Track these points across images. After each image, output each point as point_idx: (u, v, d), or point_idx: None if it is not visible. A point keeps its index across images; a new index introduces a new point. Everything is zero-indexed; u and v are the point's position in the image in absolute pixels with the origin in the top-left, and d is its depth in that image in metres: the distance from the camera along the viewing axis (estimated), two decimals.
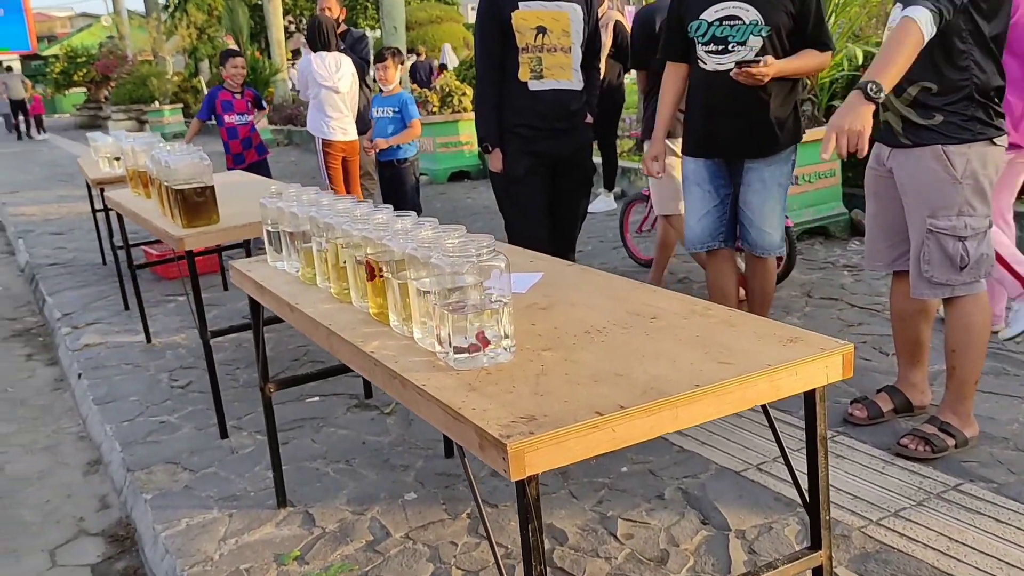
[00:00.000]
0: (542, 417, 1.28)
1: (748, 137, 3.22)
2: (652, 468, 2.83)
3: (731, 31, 3.12)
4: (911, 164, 2.64)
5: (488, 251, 1.54)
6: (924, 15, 2.33)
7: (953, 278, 2.64)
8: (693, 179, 3.37)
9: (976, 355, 2.74)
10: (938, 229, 2.61)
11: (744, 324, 1.64)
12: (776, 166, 3.25)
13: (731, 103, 3.17)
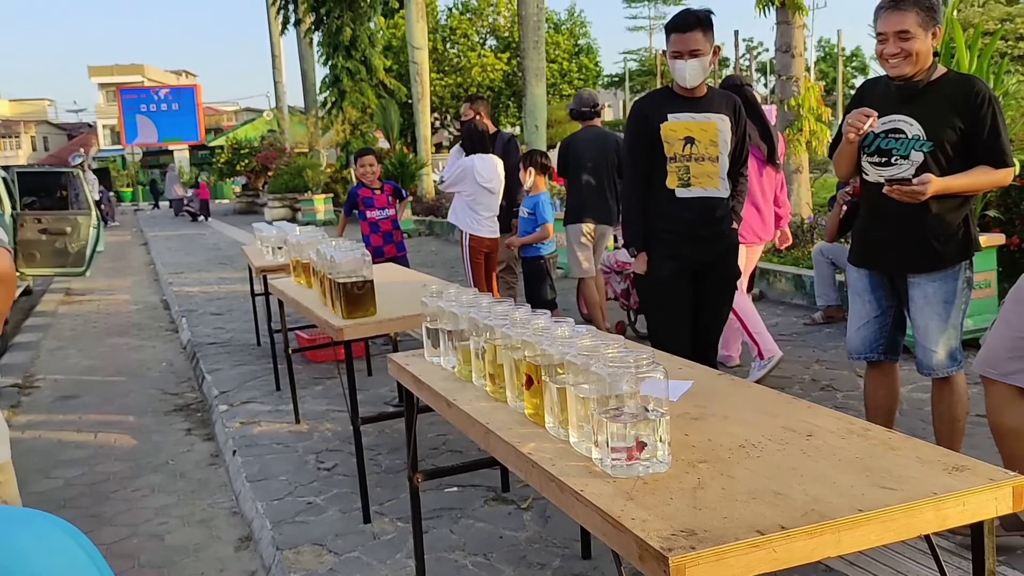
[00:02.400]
0: (702, 532, 1.31)
1: (906, 252, 3.14)
2: None
3: (895, 144, 3.09)
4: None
5: (648, 363, 1.60)
6: None
7: None
8: (855, 288, 3.34)
9: None
10: None
11: (905, 448, 1.61)
12: (941, 282, 3.11)
13: (890, 216, 3.11)
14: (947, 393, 3.21)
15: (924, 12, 2.97)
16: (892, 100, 3.12)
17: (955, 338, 3.16)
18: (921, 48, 2.99)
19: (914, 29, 2.97)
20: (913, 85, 3.05)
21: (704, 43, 3.51)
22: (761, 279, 7.85)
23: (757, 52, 49.41)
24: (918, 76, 3.04)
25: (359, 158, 6.86)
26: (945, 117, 3.02)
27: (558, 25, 36.25)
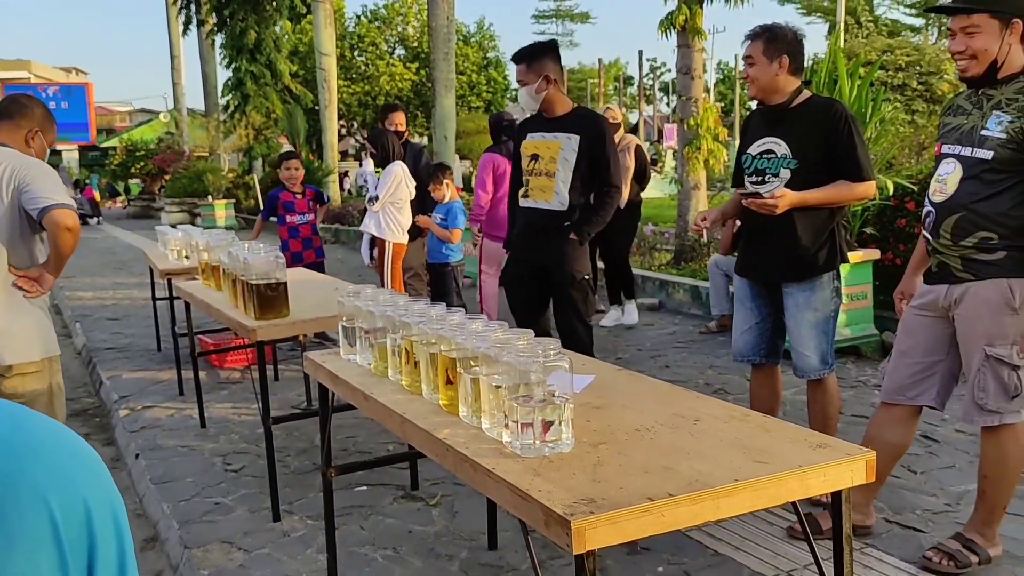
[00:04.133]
0: (601, 500, 1.48)
1: (779, 262, 3.42)
2: (687, 569, 2.96)
3: (768, 163, 3.38)
4: (972, 296, 2.79)
5: (554, 353, 1.76)
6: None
7: (1003, 406, 2.78)
8: (738, 296, 3.61)
9: (1008, 485, 2.87)
10: (995, 356, 2.75)
11: (778, 430, 1.83)
12: (810, 291, 3.38)
13: (765, 228, 3.39)
14: (820, 394, 3.49)
15: (767, 43, 3.30)
16: (764, 124, 3.43)
17: (826, 343, 3.43)
18: (760, 74, 3.32)
19: (757, 56, 3.31)
20: (779, 110, 3.36)
21: (528, 74, 4.00)
22: (660, 290, 8.19)
23: (660, 72, 50.86)
24: (779, 101, 3.34)
25: (284, 160, 6.87)
26: (809, 137, 3.29)
27: (467, 37, 36.51)
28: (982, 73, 2.77)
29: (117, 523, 0.63)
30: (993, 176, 2.72)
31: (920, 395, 2.98)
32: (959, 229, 2.78)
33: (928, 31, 28.18)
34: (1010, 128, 2.68)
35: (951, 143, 2.86)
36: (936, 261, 2.90)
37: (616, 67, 52.51)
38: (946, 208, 2.81)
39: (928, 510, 3.38)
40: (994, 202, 2.72)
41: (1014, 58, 2.74)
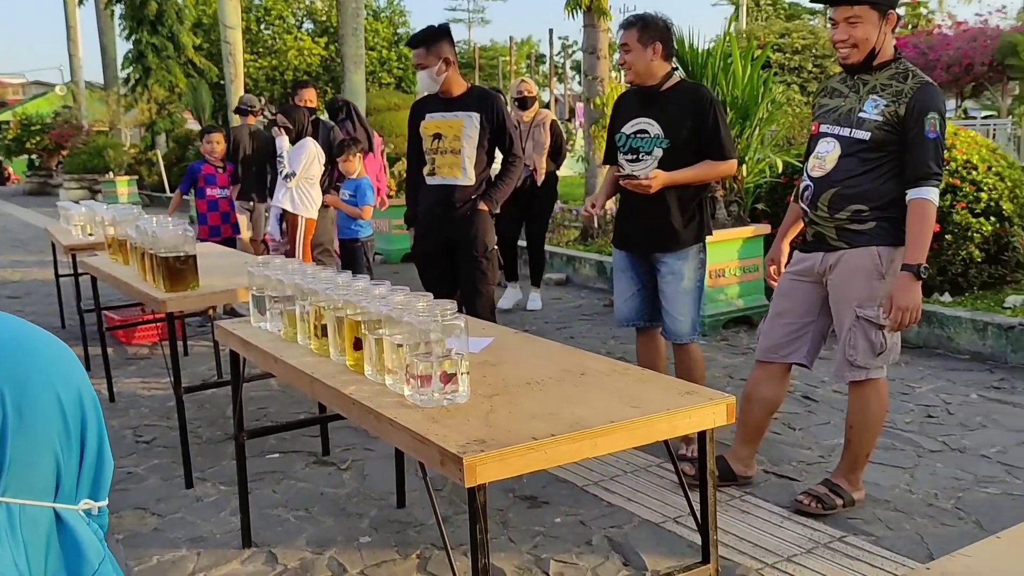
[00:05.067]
0: (491, 441, 1.66)
1: (652, 235, 3.67)
2: (583, 519, 3.18)
3: (641, 143, 3.62)
4: (845, 262, 3.06)
5: (451, 313, 1.93)
6: (934, 193, 2.93)
7: (870, 362, 3.07)
8: (618, 266, 3.86)
9: (871, 434, 3.18)
10: (865, 317, 3.03)
11: (653, 381, 2.04)
12: (683, 261, 3.64)
13: (640, 205, 3.65)
14: (686, 358, 3.75)
15: (640, 31, 3.55)
16: (637, 104, 3.68)
17: (695, 310, 3.68)
18: (636, 60, 3.55)
19: (632, 44, 3.55)
20: (651, 92, 3.60)
21: (427, 57, 4.13)
22: (568, 265, 8.44)
23: (572, 51, 51.24)
24: (652, 84, 3.59)
25: (206, 134, 6.84)
26: (679, 118, 3.54)
27: (377, 13, 36.07)
28: (862, 60, 3.03)
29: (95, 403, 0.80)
30: (869, 155, 2.99)
31: (792, 353, 3.26)
32: (835, 202, 3.04)
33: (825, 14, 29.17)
34: (886, 111, 2.95)
35: (829, 123, 3.12)
36: (812, 231, 3.16)
37: (528, 45, 52.64)
38: (824, 182, 3.08)
39: (803, 461, 3.69)
40: (868, 178, 2.99)
41: (887, 46, 3.02)
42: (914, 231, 2.91)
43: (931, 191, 2.90)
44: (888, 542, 2.93)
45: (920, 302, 2.92)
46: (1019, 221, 5.70)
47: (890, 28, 2.98)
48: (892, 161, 2.97)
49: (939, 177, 2.93)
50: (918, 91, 2.93)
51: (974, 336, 5.06)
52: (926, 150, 2.90)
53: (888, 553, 2.84)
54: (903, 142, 2.93)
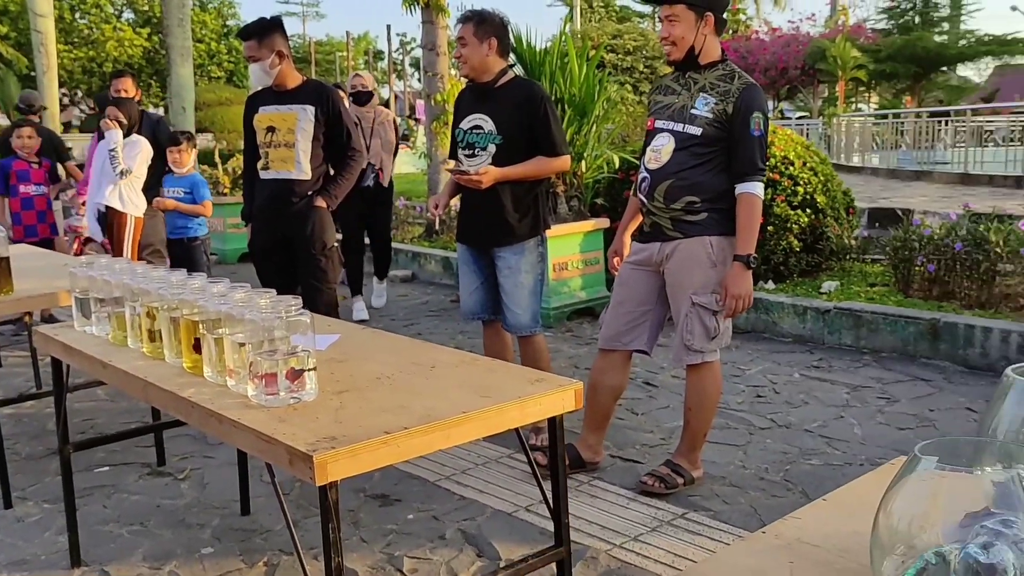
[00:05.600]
0: (341, 437, 1.61)
1: (489, 229, 3.72)
2: (435, 514, 3.17)
3: (477, 138, 3.67)
4: (680, 252, 3.19)
5: (295, 309, 1.87)
6: (759, 187, 3.09)
7: (706, 346, 3.21)
8: (462, 260, 3.89)
9: (707, 415, 3.33)
10: (700, 303, 3.17)
11: (502, 370, 2.05)
12: (520, 255, 3.68)
13: (478, 200, 3.69)
14: (531, 350, 3.81)
15: (477, 26, 3.60)
16: (474, 100, 3.73)
17: (536, 303, 3.74)
18: (472, 54, 3.60)
19: (469, 38, 3.61)
20: (486, 88, 3.65)
21: (260, 50, 4.03)
22: (413, 261, 8.40)
23: (411, 47, 50.97)
24: (487, 80, 3.64)
25: (16, 128, 6.29)
26: (512, 115, 3.60)
27: (204, 4, 34.58)
28: (682, 58, 3.17)
29: None
30: (701, 149, 3.13)
31: (633, 340, 3.37)
32: (671, 193, 3.17)
33: (654, 18, 30.52)
34: (715, 109, 3.10)
35: (664, 119, 3.24)
36: (650, 221, 3.28)
37: (366, 40, 51.96)
38: (660, 175, 3.20)
39: (646, 444, 3.82)
40: (700, 171, 3.14)
41: (711, 47, 3.17)
42: (743, 223, 3.09)
43: (757, 185, 3.08)
44: (725, 516, 3.08)
45: (751, 289, 3.10)
46: (831, 213, 6.14)
47: (709, 29, 3.13)
48: (722, 156, 3.12)
49: (763, 172, 3.11)
50: (743, 91, 3.09)
51: (795, 320, 5.42)
52: (751, 147, 3.07)
53: (725, 526, 2.99)
54: (731, 139, 3.09)
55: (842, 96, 22.41)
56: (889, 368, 4.77)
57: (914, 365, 4.80)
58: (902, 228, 5.67)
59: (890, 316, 5.01)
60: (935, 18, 28.81)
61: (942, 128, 16.77)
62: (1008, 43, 24.75)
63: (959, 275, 5.19)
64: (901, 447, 3.65)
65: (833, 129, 18.59)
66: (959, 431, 3.80)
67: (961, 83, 28.14)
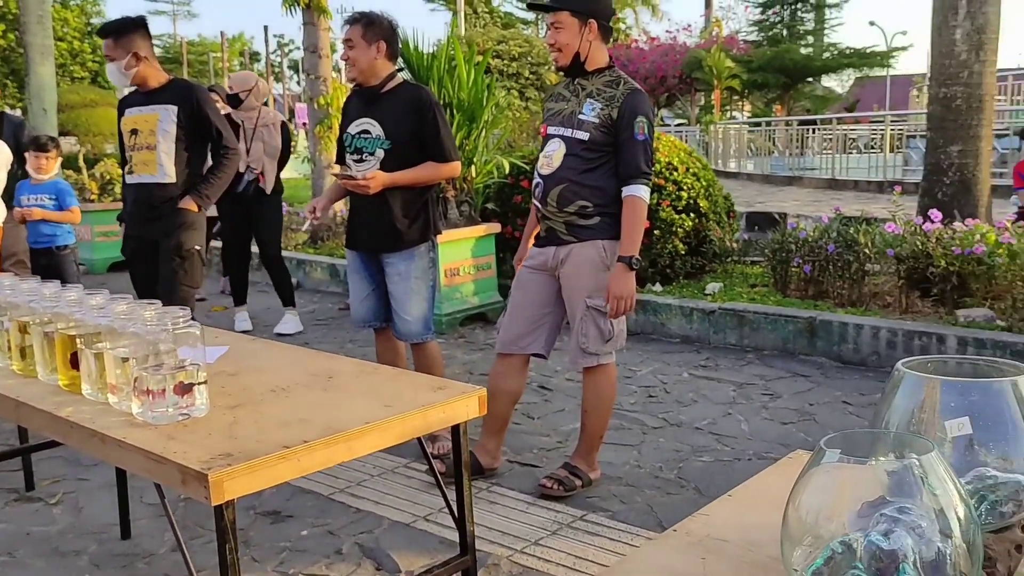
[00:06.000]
0: (238, 453, 1.54)
1: (378, 235, 3.66)
2: (331, 529, 3.09)
3: (365, 143, 3.60)
4: (574, 255, 3.20)
5: (184, 321, 1.77)
6: (644, 190, 3.11)
7: (601, 348, 3.24)
8: (351, 267, 3.80)
9: (604, 416, 3.36)
10: (594, 306, 3.19)
11: (403, 379, 2.02)
12: (409, 261, 3.61)
13: (365, 205, 3.63)
14: (424, 357, 3.73)
15: (365, 28, 3.54)
16: (361, 105, 3.67)
17: (427, 310, 3.68)
18: (360, 57, 3.53)
19: (356, 40, 3.55)
20: (374, 92, 3.59)
21: (115, 50, 3.91)
22: (298, 269, 8.20)
23: (289, 50, 49.86)
24: (375, 83, 3.59)
25: None
26: (400, 119, 3.54)
27: (66, 0, 32.91)
28: (569, 64, 3.21)
29: None
30: (589, 154, 3.17)
31: (530, 344, 3.37)
32: (563, 198, 3.19)
33: (539, 25, 30.92)
34: (601, 114, 3.14)
35: (555, 125, 3.27)
36: (545, 226, 3.30)
37: (241, 41, 50.57)
38: (552, 180, 3.22)
39: (543, 448, 3.84)
40: (590, 176, 3.17)
41: (596, 54, 3.21)
42: (627, 225, 3.13)
43: (641, 188, 3.13)
44: (623, 515, 3.12)
45: (634, 290, 3.13)
46: (714, 217, 6.34)
47: (593, 36, 3.17)
48: (611, 160, 3.17)
49: (649, 176, 3.17)
50: (627, 96, 3.15)
51: (682, 321, 5.56)
52: (636, 151, 3.12)
53: (624, 526, 3.03)
54: (616, 143, 3.14)
55: (718, 104, 23.23)
56: (771, 365, 4.96)
57: (794, 361, 5.00)
58: (779, 231, 5.91)
59: (770, 315, 5.21)
60: (801, 31, 30.33)
61: (810, 136, 17.64)
62: (867, 56, 26.28)
63: (832, 275, 5.45)
64: (785, 441, 3.79)
65: (710, 136, 19.27)
66: (837, 423, 3.98)
67: (826, 93, 29.69)
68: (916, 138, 14.15)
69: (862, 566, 0.95)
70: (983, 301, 4.96)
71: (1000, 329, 4.58)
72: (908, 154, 14.40)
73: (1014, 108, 14.05)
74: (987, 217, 6.14)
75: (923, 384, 1.12)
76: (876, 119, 18.78)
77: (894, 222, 5.37)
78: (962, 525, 0.93)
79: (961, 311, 4.85)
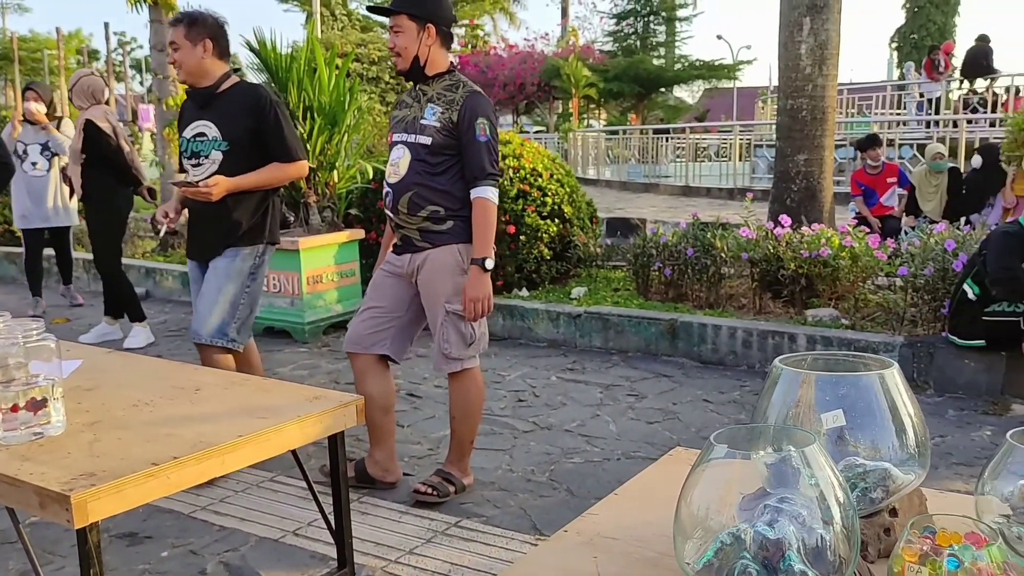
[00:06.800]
0: (101, 472, 1.44)
1: (207, 241, 3.53)
2: (193, 548, 2.94)
3: (201, 146, 3.47)
4: (431, 262, 3.17)
5: (37, 333, 1.65)
6: (492, 191, 3.08)
7: (463, 353, 3.22)
8: (192, 277, 3.65)
9: (473, 421, 3.35)
10: (454, 311, 3.16)
11: (277, 389, 1.95)
12: (231, 260, 3.47)
13: (201, 211, 3.50)
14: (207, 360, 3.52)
15: (188, 28, 3.42)
16: (195, 107, 3.54)
17: (229, 314, 3.48)
18: (186, 58, 3.41)
19: (181, 41, 3.42)
20: (207, 93, 3.47)
21: None
22: (147, 278, 7.81)
23: (132, 48, 47.46)
24: (207, 84, 3.46)
25: None
26: (237, 120, 3.43)
27: None
28: (408, 68, 3.18)
29: None
30: (434, 159, 3.14)
31: (375, 345, 3.30)
32: (413, 204, 3.15)
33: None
34: (442, 117, 3.12)
35: (400, 132, 3.23)
36: (400, 235, 3.26)
37: (78, 38, 47.74)
38: (401, 187, 3.17)
39: (415, 456, 3.80)
40: (438, 180, 3.14)
41: (437, 58, 3.19)
42: (477, 227, 3.11)
43: (488, 189, 3.11)
44: (497, 520, 3.13)
45: (490, 292, 3.13)
46: (578, 223, 6.47)
47: (432, 41, 3.15)
48: (457, 164, 3.15)
49: (495, 176, 3.14)
50: (467, 99, 3.13)
51: (549, 325, 5.65)
52: (479, 152, 3.10)
53: (498, 530, 3.04)
54: (460, 146, 3.12)
55: (576, 112, 23.75)
56: (635, 367, 5.10)
57: (657, 362, 5.17)
58: (640, 236, 6.10)
59: (634, 318, 5.37)
60: (653, 43, 31.44)
61: (664, 144, 18.33)
62: (715, 68, 27.54)
63: (691, 278, 5.67)
64: (651, 440, 3.91)
65: (569, 143, 19.69)
66: (700, 421, 4.14)
67: (678, 103, 30.93)
68: (763, 147, 14.97)
69: (750, 555, 0.99)
70: (829, 301, 5.28)
71: (844, 327, 4.89)
72: (755, 162, 15.20)
73: (850, 120, 15.05)
74: (831, 222, 6.55)
75: (799, 379, 1.18)
76: (725, 129, 19.72)
77: (747, 227, 5.64)
78: (842, 511, 0.98)
79: (809, 311, 5.15)
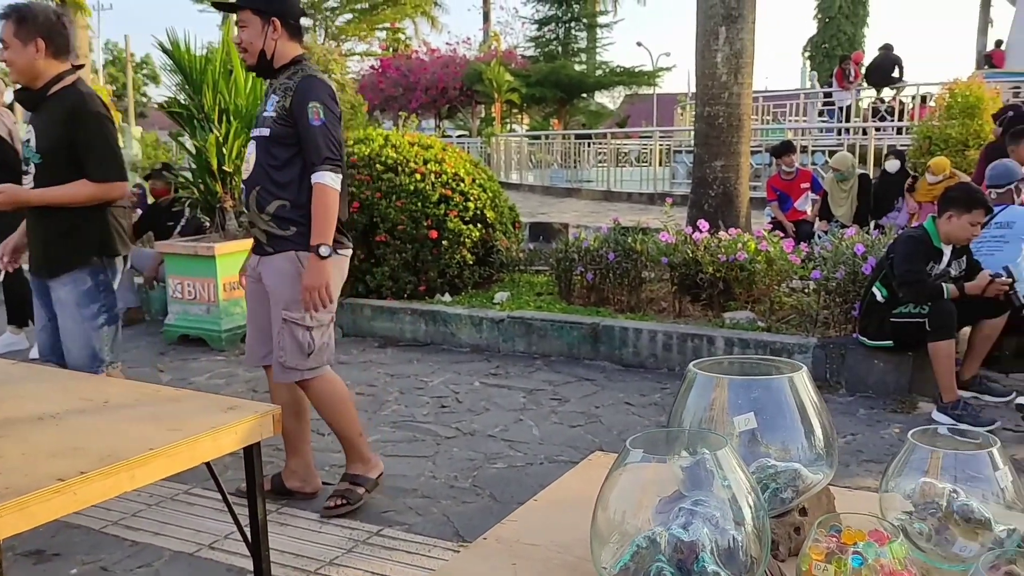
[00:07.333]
0: (4, 489, 1.38)
1: (35, 257, 3.36)
2: (104, 565, 2.84)
3: (29, 153, 3.29)
4: (272, 267, 3.08)
5: None
6: (330, 176, 2.96)
7: (301, 363, 3.09)
8: (35, 293, 3.42)
9: (345, 416, 3.23)
10: (291, 319, 3.06)
11: (189, 400, 1.90)
12: (69, 287, 3.26)
13: (31, 226, 3.32)
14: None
15: (17, 25, 3.15)
16: (27, 110, 3.38)
17: (96, 339, 3.30)
18: (16, 58, 3.16)
19: (9, 39, 3.15)
20: (36, 96, 3.23)
21: None
22: None
23: None
24: (39, 86, 3.20)
25: None
26: (51, 129, 3.19)
27: None
28: (255, 63, 3.10)
29: None
30: (276, 151, 3.05)
31: (267, 356, 3.22)
32: (259, 200, 3.07)
33: (316, 31, 30.30)
34: (278, 106, 3.04)
35: (253, 128, 3.17)
36: (253, 235, 3.18)
37: None
38: (250, 183, 3.10)
39: (335, 464, 3.72)
40: (281, 173, 3.05)
41: (284, 50, 3.10)
42: (317, 214, 2.99)
43: (326, 175, 2.99)
44: (420, 527, 3.11)
45: (327, 280, 2.99)
46: (500, 227, 6.49)
47: (279, 34, 3.08)
48: (299, 157, 3.05)
49: (333, 161, 3.01)
50: (300, 84, 3.03)
51: (472, 330, 5.64)
52: (314, 137, 2.99)
53: (421, 538, 3.01)
54: (298, 133, 3.02)
55: (499, 117, 23.84)
56: (558, 371, 5.14)
57: (579, 366, 5.21)
58: (562, 241, 6.14)
59: (556, 322, 5.40)
60: (575, 49, 31.81)
61: (586, 149, 18.54)
62: (636, 75, 28.02)
63: (612, 283, 5.73)
64: (574, 443, 3.94)
65: (492, 148, 19.74)
66: (621, 423, 4.19)
67: (599, 109, 31.36)
68: (682, 153, 15.27)
69: (664, 558, 1.01)
70: (745, 304, 5.41)
71: (760, 330, 5.02)
72: (675, 168, 15.50)
73: (765, 127, 15.48)
74: (747, 227, 6.71)
75: (713, 383, 1.20)
76: (645, 135, 20.07)
77: (667, 232, 5.74)
78: (753, 513, 1.01)
79: (727, 314, 5.27)
